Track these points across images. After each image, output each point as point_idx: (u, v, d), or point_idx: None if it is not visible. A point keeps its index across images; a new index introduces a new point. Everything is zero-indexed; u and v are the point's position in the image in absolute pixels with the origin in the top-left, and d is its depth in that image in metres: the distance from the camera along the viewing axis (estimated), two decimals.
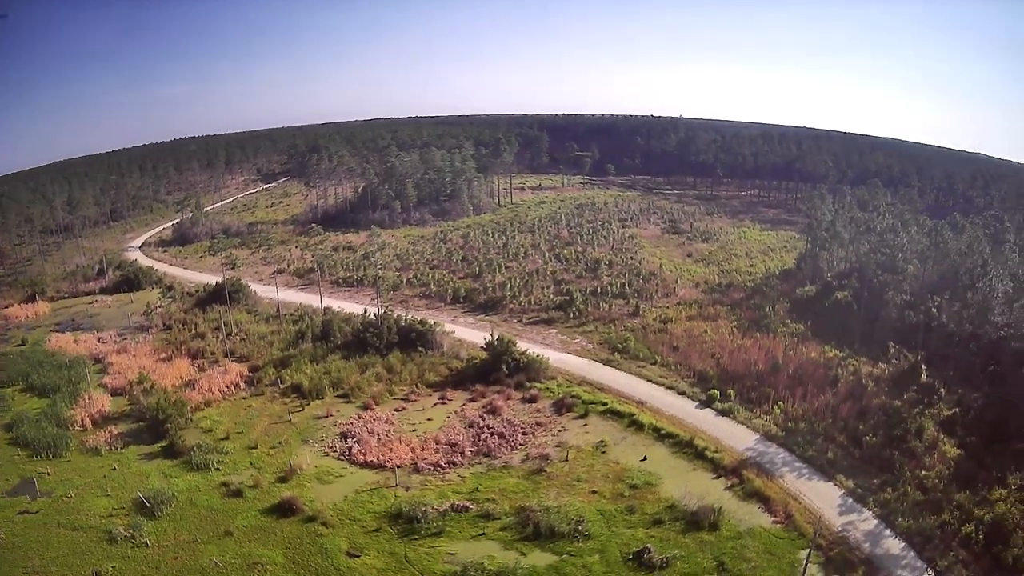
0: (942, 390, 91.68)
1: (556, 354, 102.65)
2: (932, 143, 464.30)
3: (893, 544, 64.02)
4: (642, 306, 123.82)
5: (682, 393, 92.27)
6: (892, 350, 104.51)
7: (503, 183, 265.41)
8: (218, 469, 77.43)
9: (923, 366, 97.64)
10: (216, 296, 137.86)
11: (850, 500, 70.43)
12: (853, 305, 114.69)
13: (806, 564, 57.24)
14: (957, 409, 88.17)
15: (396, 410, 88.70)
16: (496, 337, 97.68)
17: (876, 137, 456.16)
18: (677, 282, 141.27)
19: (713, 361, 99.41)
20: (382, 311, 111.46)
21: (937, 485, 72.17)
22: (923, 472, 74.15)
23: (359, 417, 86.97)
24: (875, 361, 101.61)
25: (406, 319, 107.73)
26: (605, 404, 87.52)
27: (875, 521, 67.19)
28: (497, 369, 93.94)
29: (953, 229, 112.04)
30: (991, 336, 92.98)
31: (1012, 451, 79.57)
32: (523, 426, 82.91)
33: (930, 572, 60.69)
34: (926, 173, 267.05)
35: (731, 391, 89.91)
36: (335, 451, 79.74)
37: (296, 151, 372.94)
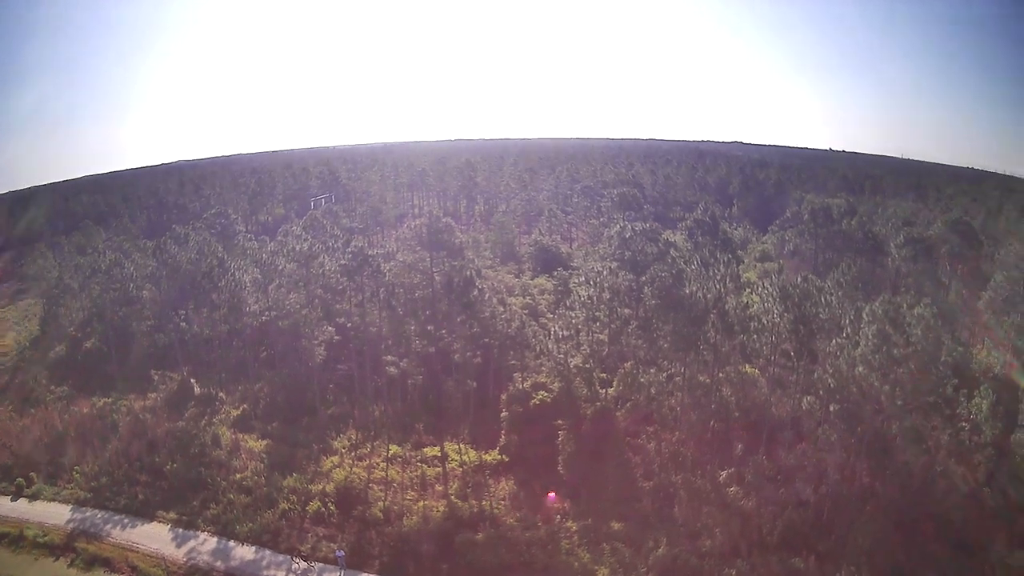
0: (221, 394, 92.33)
1: None
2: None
3: (244, 552, 64.77)
4: None
5: None
6: (156, 377, 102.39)
7: None
8: None
9: (192, 380, 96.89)
10: None
11: (180, 530, 69.20)
12: (104, 349, 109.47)
13: None
14: (245, 405, 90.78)
15: None
16: None
17: (77, 179, 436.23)
18: None
19: (7, 451, 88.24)
20: None
21: (260, 482, 73.76)
22: (238, 475, 75.41)
23: None
24: (144, 393, 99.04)
25: None
26: None
27: (214, 539, 67.07)
28: None
29: (177, 241, 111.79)
30: (253, 324, 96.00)
31: (321, 421, 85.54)
32: None
33: (296, 560, 62.87)
34: (133, 199, 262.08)
35: (33, 474, 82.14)
36: None
37: None
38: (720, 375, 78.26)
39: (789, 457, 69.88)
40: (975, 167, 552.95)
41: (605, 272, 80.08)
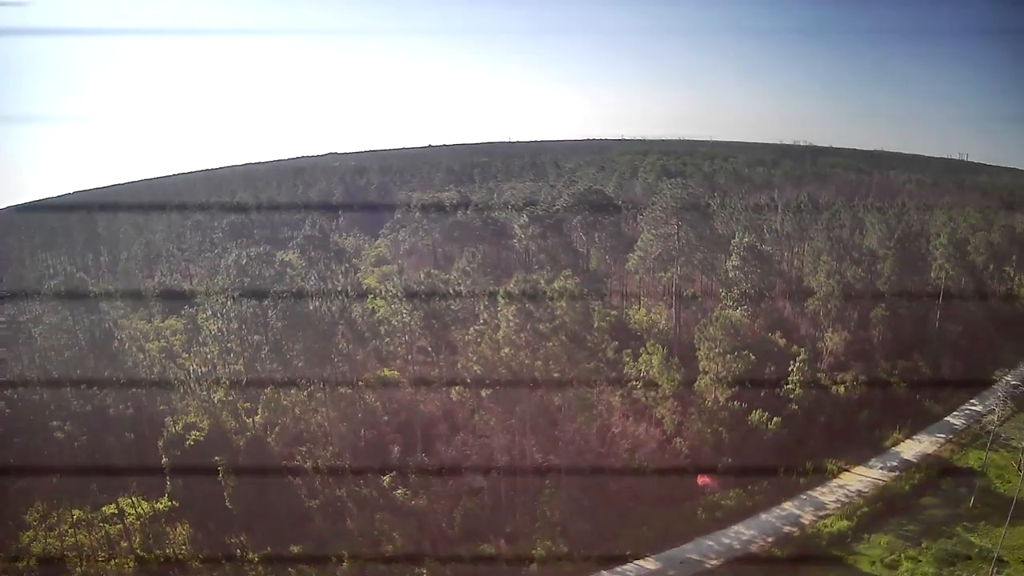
0: None
1: None
2: None
3: None
4: None
5: None
6: None
7: None
8: None
9: None
10: None
11: None
12: None
13: None
14: None
15: None
16: None
17: None
18: None
19: None
20: None
21: None
22: None
23: None
24: None
25: None
26: None
27: None
28: None
29: None
30: None
31: (10, 497, 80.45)
32: None
33: None
34: None
35: None
36: None
37: None
38: (360, 383, 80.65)
39: (449, 449, 71.62)
40: (597, 137, 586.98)
41: (229, 303, 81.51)
